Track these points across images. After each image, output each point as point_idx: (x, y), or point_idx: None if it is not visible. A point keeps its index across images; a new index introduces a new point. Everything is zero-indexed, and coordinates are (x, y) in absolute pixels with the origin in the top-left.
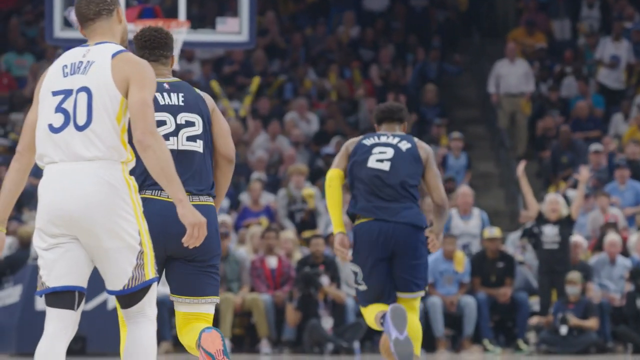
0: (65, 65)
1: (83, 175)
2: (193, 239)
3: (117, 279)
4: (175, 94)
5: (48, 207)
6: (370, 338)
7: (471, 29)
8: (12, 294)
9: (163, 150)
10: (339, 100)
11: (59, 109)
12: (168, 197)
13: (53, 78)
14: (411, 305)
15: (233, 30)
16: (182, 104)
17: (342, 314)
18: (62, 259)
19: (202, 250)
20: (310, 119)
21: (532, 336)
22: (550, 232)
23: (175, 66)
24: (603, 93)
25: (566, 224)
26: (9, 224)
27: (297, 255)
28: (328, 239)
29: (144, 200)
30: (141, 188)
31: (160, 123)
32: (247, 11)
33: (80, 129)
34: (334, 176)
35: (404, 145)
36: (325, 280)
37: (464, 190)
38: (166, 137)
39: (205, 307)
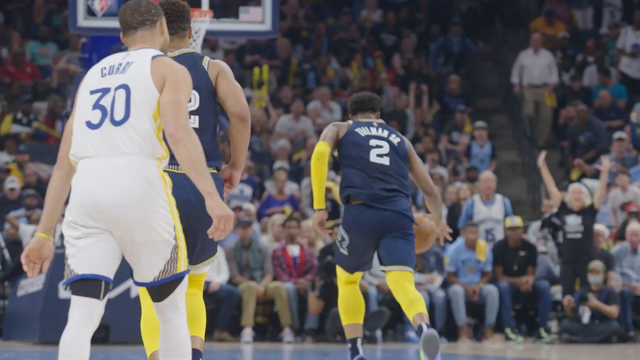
0: (104, 67)
1: (121, 170)
2: (219, 231)
3: (148, 271)
4: None
5: (84, 200)
6: (393, 326)
7: (493, 19)
8: (35, 282)
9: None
10: (362, 89)
11: (97, 105)
12: (170, 168)
13: (91, 79)
14: (409, 278)
15: (256, 19)
16: None
17: (364, 302)
18: (93, 248)
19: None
20: (333, 108)
21: (553, 325)
22: (573, 222)
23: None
24: (625, 82)
25: (589, 214)
26: (33, 211)
27: (320, 244)
28: None
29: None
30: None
31: None
32: (270, 0)
33: (117, 124)
34: (325, 152)
35: (395, 140)
36: None
37: (487, 175)
38: None
39: (203, 269)
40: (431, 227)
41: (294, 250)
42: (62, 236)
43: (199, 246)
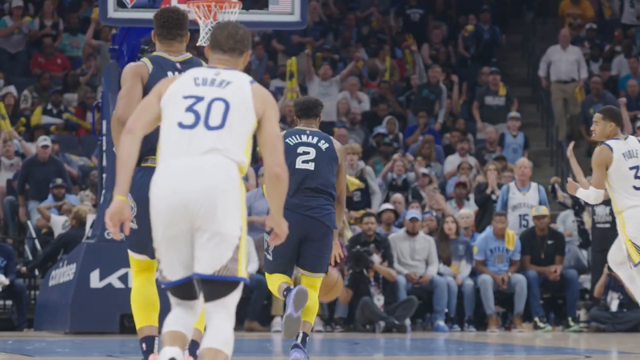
0: (197, 78)
1: (208, 167)
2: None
3: (212, 263)
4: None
5: (167, 196)
6: (421, 315)
7: (522, 9)
8: (66, 272)
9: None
10: (391, 80)
11: (190, 109)
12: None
13: (183, 85)
14: (314, 284)
15: (285, 10)
16: None
17: (393, 291)
18: (178, 248)
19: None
20: (362, 99)
21: (582, 313)
22: (602, 212)
23: None
24: None
25: None
26: (63, 202)
27: (348, 234)
28: (380, 217)
29: (144, 168)
30: (148, 157)
31: None
32: None
33: (211, 129)
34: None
35: (323, 145)
36: (376, 258)
37: (522, 162)
38: None
39: None
40: (336, 278)
41: None
42: (92, 226)
43: None
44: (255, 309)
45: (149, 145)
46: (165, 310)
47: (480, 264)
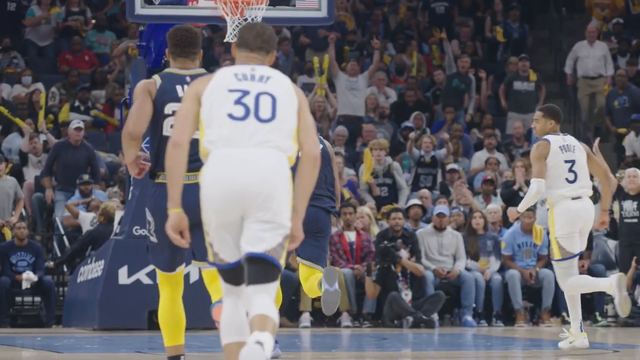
0: (237, 73)
1: (261, 158)
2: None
3: (263, 243)
4: None
5: (221, 183)
6: (449, 310)
7: (548, 4)
8: (94, 269)
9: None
10: (418, 75)
11: (239, 102)
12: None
13: (226, 80)
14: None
15: (312, 6)
16: None
17: (421, 286)
18: (232, 234)
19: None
20: (389, 94)
21: (609, 308)
22: (629, 207)
23: None
24: None
25: None
26: (90, 198)
27: (374, 229)
28: (407, 212)
29: (159, 185)
30: (155, 175)
31: (174, 112)
32: None
33: (262, 121)
34: None
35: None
36: (404, 253)
37: None
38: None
39: None
40: None
41: (350, 236)
42: (120, 222)
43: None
44: (283, 305)
45: (160, 162)
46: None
47: (508, 259)
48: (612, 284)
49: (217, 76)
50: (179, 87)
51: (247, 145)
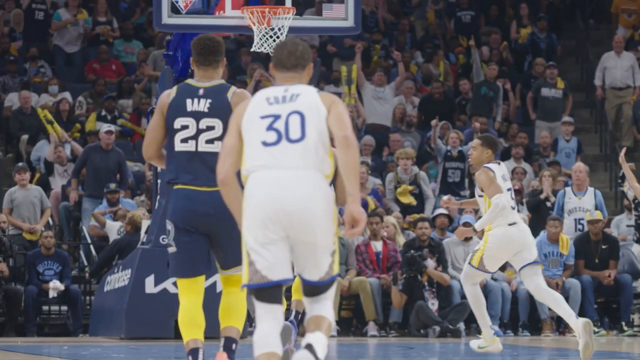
0: (269, 97)
1: (299, 180)
2: (350, 231)
3: (317, 271)
4: (205, 100)
5: (266, 205)
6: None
7: (575, 14)
8: (121, 278)
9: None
10: (444, 85)
11: (271, 128)
12: (193, 186)
13: (258, 107)
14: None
15: (339, 16)
16: (207, 110)
17: (447, 296)
18: (275, 254)
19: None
20: (416, 103)
21: (636, 318)
22: None
23: None
24: None
25: None
26: (117, 207)
27: (400, 239)
28: (434, 222)
29: (176, 190)
30: (174, 182)
31: (184, 127)
32: None
33: (294, 142)
34: None
35: None
36: (431, 263)
37: (578, 166)
38: (185, 140)
39: (236, 272)
40: None
41: (377, 246)
42: (147, 231)
43: (225, 253)
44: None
45: (175, 171)
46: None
47: None
48: (578, 327)
49: (252, 103)
50: (188, 101)
51: (282, 168)
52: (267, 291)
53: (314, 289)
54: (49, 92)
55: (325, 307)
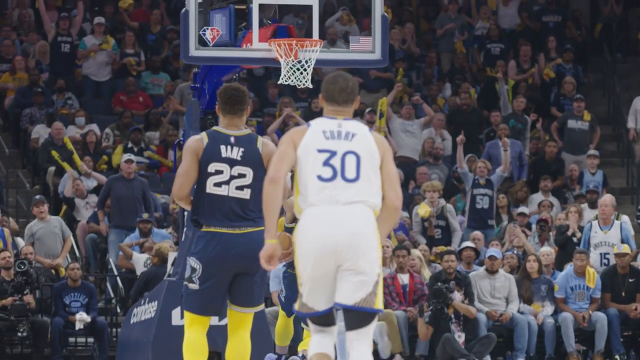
0: (325, 131)
1: (350, 215)
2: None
3: (353, 295)
4: (237, 149)
5: (316, 240)
6: (502, 353)
7: (602, 47)
8: (148, 310)
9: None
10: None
11: (327, 164)
12: (225, 228)
13: (315, 138)
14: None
15: (366, 48)
16: (240, 158)
17: (474, 329)
18: (324, 285)
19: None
20: (446, 136)
21: None
22: None
23: (309, 84)
24: None
25: None
26: (146, 239)
27: (425, 272)
28: (460, 255)
29: (210, 233)
30: (203, 224)
31: (218, 172)
32: (380, 30)
33: (349, 181)
34: None
35: None
36: (457, 296)
37: (604, 200)
38: (219, 184)
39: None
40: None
41: (403, 279)
42: (173, 263)
43: (243, 292)
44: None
45: (205, 213)
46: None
47: (561, 302)
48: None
49: (309, 133)
50: (223, 147)
51: (335, 204)
52: (317, 319)
53: (352, 318)
54: (75, 124)
55: (364, 355)
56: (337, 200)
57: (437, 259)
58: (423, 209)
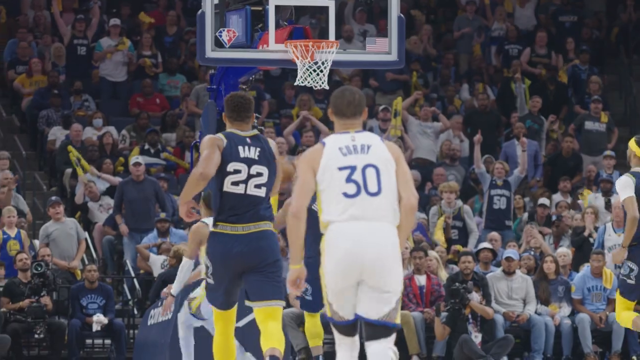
0: (341, 147)
1: (376, 232)
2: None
3: (376, 311)
4: (254, 148)
5: (343, 256)
6: (519, 354)
7: (619, 49)
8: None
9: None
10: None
11: (350, 180)
12: (233, 224)
13: (333, 157)
14: None
15: (382, 49)
16: (257, 157)
17: (491, 330)
18: (349, 296)
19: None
20: (463, 137)
21: None
22: None
23: (325, 86)
24: None
25: None
26: (164, 242)
27: (442, 273)
28: (477, 256)
29: (217, 233)
30: (218, 220)
31: (237, 171)
32: (397, 31)
33: (372, 195)
34: None
35: None
36: (475, 296)
37: (618, 202)
38: (236, 183)
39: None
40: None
41: (420, 280)
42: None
43: (261, 285)
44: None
45: (221, 209)
46: None
47: (577, 303)
48: None
49: (326, 154)
50: (241, 148)
51: (362, 219)
52: (343, 328)
53: (374, 330)
54: (93, 125)
55: (383, 349)
56: (364, 216)
57: (455, 257)
58: (439, 232)
